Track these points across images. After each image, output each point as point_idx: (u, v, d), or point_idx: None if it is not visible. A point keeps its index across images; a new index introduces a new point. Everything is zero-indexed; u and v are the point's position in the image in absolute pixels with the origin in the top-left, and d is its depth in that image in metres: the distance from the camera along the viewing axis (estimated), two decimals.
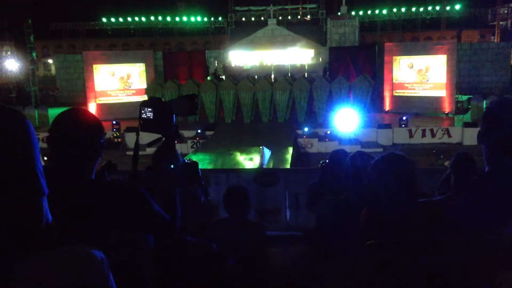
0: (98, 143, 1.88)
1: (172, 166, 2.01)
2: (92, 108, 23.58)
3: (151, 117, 2.01)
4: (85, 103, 23.68)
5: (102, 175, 1.92)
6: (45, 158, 5.78)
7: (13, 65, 26.53)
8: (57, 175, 1.84)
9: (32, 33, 24.83)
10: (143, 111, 2.04)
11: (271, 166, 9.94)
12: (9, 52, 27.02)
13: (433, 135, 17.72)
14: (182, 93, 20.68)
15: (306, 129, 17.83)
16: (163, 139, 2.02)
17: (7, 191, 1.33)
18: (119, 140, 17.91)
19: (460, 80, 23.04)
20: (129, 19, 29.97)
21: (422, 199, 1.99)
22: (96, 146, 1.87)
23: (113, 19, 29.86)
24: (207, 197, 3.76)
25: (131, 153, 2.32)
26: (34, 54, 25.42)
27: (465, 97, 22.13)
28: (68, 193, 1.74)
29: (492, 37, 33.09)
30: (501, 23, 32.54)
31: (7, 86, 27.14)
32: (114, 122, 19.15)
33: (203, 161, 11.12)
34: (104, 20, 29.87)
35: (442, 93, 22.25)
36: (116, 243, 1.74)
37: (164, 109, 2.02)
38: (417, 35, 29.36)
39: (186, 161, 2.79)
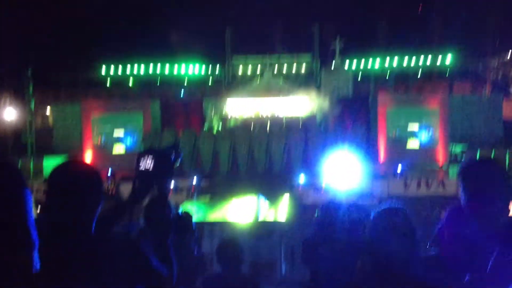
0: (96, 195, 1.88)
1: (165, 217, 2.00)
2: (88, 157, 23.57)
3: (151, 169, 2.00)
4: (81, 153, 23.69)
5: (101, 228, 1.90)
6: (39, 206, 5.73)
7: (11, 115, 26.70)
8: (54, 226, 1.83)
9: (31, 82, 25.18)
10: (141, 163, 2.02)
11: (266, 218, 9.86)
12: (6, 102, 27.24)
13: (428, 187, 17.73)
14: (179, 142, 20.83)
15: (302, 179, 17.82)
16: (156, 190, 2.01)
17: (3, 242, 1.32)
18: (114, 192, 17.76)
19: (453, 132, 23.26)
20: (127, 70, 30.50)
21: (424, 254, 1.99)
22: (94, 198, 1.87)
23: (111, 70, 30.38)
24: (200, 250, 3.72)
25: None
26: (32, 106, 25.65)
27: (458, 149, 22.29)
28: (64, 245, 1.72)
29: (484, 89, 33.68)
30: (492, 75, 33.25)
31: (4, 135, 27.20)
32: (109, 173, 19.06)
33: (198, 211, 11.04)
34: (102, 70, 30.38)
35: (435, 145, 22.43)
36: None
37: (165, 160, 2.02)
38: (409, 86, 29.89)
39: (179, 213, 2.77)
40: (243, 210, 10.64)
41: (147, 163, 1.98)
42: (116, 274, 1.72)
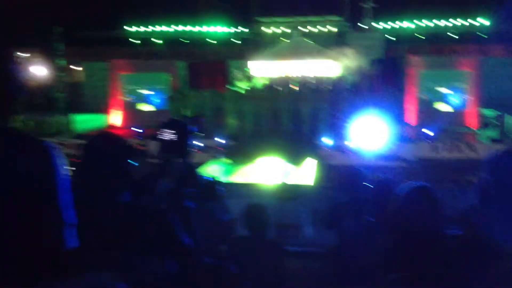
0: (127, 167, 1.89)
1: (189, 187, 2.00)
2: (116, 116, 23.92)
3: (174, 139, 2.00)
4: (109, 110, 24.07)
5: (134, 196, 1.93)
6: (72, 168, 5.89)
7: (41, 71, 27.15)
8: (87, 196, 1.87)
9: (61, 40, 25.41)
10: (163, 133, 2.02)
11: (292, 180, 9.90)
12: (38, 59, 27.64)
13: (459, 151, 17.43)
14: (205, 102, 20.95)
15: (328, 141, 17.73)
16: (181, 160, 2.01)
17: (31, 222, 1.35)
18: (143, 147, 18.05)
19: (486, 95, 22.63)
20: (154, 28, 30.41)
21: (449, 231, 1.95)
22: (125, 169, 1.88)
23: (138, 29, 30.35)
24: (226, 215, 3.75)
25: (156, 160, 2.32)
26: (62, 62, 25.98)
27: (490, 113, 21.73)
28: (98, 215, 1.76)
29: None
30: None
31: (35, 92, 27.73)
32: (137, 129, 19.37)
33: (225, 172, 11.15)
34: (129, 29, 30.38)
35: (468, 108, 21.91)
36: (137, 268, 1.74)
37: (185, 131, 2.02)
38: (442, 49, 28.96)
39: (204, 178, 2.78)
40: (269, 171, 10.69)
41: (171, 134, 1.98)
42: (145, 244, 1.75)
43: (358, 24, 28.57)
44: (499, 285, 1.70)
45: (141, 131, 19.31)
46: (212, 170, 11.12)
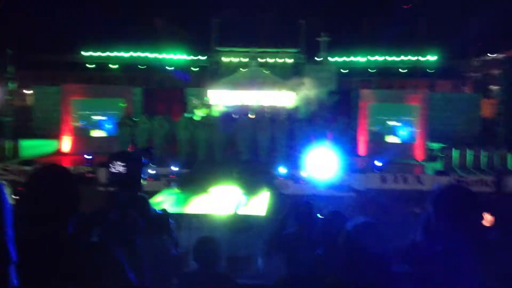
0: (72, 200, 1.89)
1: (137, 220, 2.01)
2: (66, 141, 23.30)
3: (124, 172, 2.00)
4: (60, 135, 23.42)
5: (79, 231, 1.91)
6: (14, 197, 5.69)
7: None
8: (30, 229, 1.84)
9: (11, 63, 24.70)
10: (113, 166, 2.01)
11: (246, 210, 9.92)
12: None
13: (405, 182, 18.04)
14: (156, 129, 20.72)
15: (282, 170, 17.92)
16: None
17: None
18: (92, 175, 17.62)
19: (433, 128, 23.65)
20: (110, 53, 30.15)
21: (396, 269, 2.04)
22: (70, 202, 1.88)
23: (94, 53, 29.99)
24: (177, 249, 3.75)
25: (103, 189, 2.31)
26: (12, 85, 25.21)
27: (436, 145, 22.68)
28: (40, 249, 1.73)
29: (464, 88, 34.27)
30: (473, 74, 33.82)
31: None
32: (87, 156, 18.90)
33: (176, 201, 11.03)
34: (85, 53, 29.97)
35: (414, 140, 22.83)
36: None
37: (136, 164, 2.02)
38: (392, 83, 30.24)
39: (157, 211, 2.79)
40: (221, 202, 10.67)
41: (120, 166, 1.98)
42: (91, 280, 1.75)
43: (313, 56, 29.47)
44: None
45: (90, 157, 18.86)
46: (163, 199, 10.99)
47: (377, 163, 19.10)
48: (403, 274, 2.07)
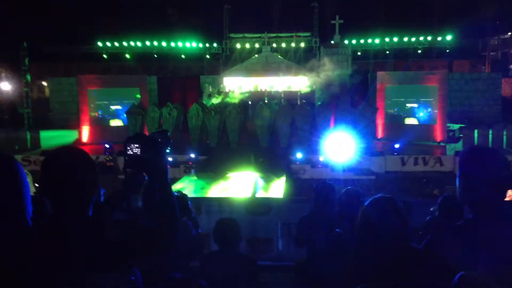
0: (91, 183, 1.87)
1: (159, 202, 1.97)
2: (85, 131, 23.56)
3: (140, 153, 1.96)
4: (78, 126, 23.69)
5: (99, 213, 1.90)
6: (36, 185, 5.75)
7: (6, 87, 26.56)
8: (48, 210, 1.85)
9: (27, 55, 24.96)
10: (128, 148, 1.98)
11: (264, 194, 9.93)
12: (2, 74, 27.06)
13: (425, 164, 17.82)
14: (164, 117, 20.81)
15: (299, 155, 17.86)
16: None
17: None
18: (112, 164, 17.83)
19: (452, 109, 23.33)
20: (125, 43, 30.25)
21: (413, 245, 2.00)
22: (88, 186, 1.86)
23: (108, 44, 30.11)
24: (197, 230, 3.75)
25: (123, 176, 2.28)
26: (28, 77, 25.50)
27: (456, 126, 22.36)
28: (61, 231, 1.73)
29: (483, 67, 33.67)
30: (491, 53, 33.18)
31: (0, 107, 27.12)
32: (106, 145, 19.10)
33: (195, 187, 11.09)
34: (99, 44, 30.12)
35: (434, 121, 22.52)
36: (104, 285, 1.72)
37: (152, 145, 1.97)
38: (409, 64, 29.78)
39: (175, 194, 2.75)
40: (241, 186, 10.70)
41: (134, 148, 1.95)
42: (111, 258, 1.73)
43: (327, 40, 29.13)
44: None
45: (109, 146, 19.04)
46: (184, 186, 11.06)
47: (396, 146, 18.93)
48: (421, 249, 2.02)
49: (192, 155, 17.90)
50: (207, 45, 30.73)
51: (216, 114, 20.57)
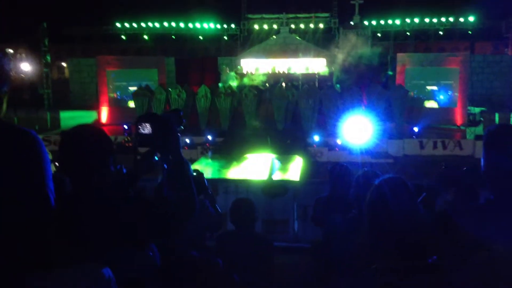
0: (108, 160, 1.90)
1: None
2: (104, 112, 23.78)
3: (151, 132, 1.98)
4: (97, 107, 23.91)
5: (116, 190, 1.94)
6: (56, 164, 5.85)
7: (26, 67, 26.87)
8: (69, 186, 1.89)
9: (46, 36, 25.17)
10: (140, 127, 2.00)
11: (280, 176, 9.93)
12: (23, 55, 27.37)
13: (445, 147, 17.58)
14: (172, 99, 20.81)
15: (316, 138, 17.78)
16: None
17: (19, 210, 1.36)
18: (130, 144, 17.98)
19: (473, 92, 22.89)
20: (142, 24, 30.26)
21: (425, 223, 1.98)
22: (105, 163, 1.89)
23: (126, 24, 30.16)
24: (215, 208, 3.77)
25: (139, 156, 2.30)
26: (48, 58, 25.75)
27: (477, 109, 21.97)
28: (81, 204, 1.77)
29: (506, 49, 32.86)
30: None
31: (21, 88, 27.48)
32: (125, 126, 19.26)
33: (212, 168, 11.13)
34: (117, 25, 30.18)
35: (454, 105, 22.14)
36: (123, 260, 1.75)
37: (163, 124, 1.99)
38: (429, 45, 29.20)
39: (192, 172, 2.76)
40: (257, 168, 10.71)
41: (145, 127, 1.96)
42: (129, 234, 1.76)
43: (346, 21, 28.71)
44: (478, 276, 1.74)
45: (127, 127, 19.19)
46: (201, 167, 11.13)
47: (415, 129, 18.69)
48: (435, 227, 2.00)
49: (209, 137, 17.97)
50: (225, 26, 30.58)
51: (227, 96, 20.50)
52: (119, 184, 2.02)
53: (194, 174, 3.02)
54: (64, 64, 33.72)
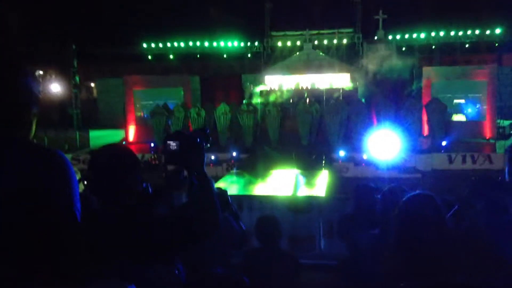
0: (135, 178, 1.95)
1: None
2: (131, 131, 24.17)
3: (177, 150, 2.02)
4: (125, 125, 24.34)
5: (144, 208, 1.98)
6: (85, 182, 5.94)
7: (56, 88, 27.62)
8: (97, 204, 1.94)
9: (75, 57, 25.87)
10: (167, 145, 2.05)
11: (306, 191, 9.89)
12: (53, 76, 28.17)
13: (474, 162, 17.22)
14: (192, 117, 21.02)
15: (342, 153, 17.65)
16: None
17: (46, 230, 1.39)
18: (157, 162, 18.22)
19: (502, 104, 22.42)
20: (168, 44, 30.83)
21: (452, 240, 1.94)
22: (132, 181, 1.94)
23: (153, 45, 30.78)
24: (239, 225, 3.77)
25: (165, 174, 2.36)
26: (77, 78, 26.43)
27: (507, 122, 21.49)
28: (107, 221, 1.81)
29: None
30: None
31: (50, 108, 28.22)
32: (152, 144, 19.57)
33: (237, 184, 11.17)
34: (144, 45, 30.82)
35: (483, 118, 21.71)
36: (149, 277, 1.77)
37: (190, 141, 2.03)
38: (456, 59, 28.80)
39: (217, 189, 2.79)
40: (282, 184, 10.69)
41: (173, 145, 2.01)
42: (158, 253, 1.80)
43: (370, 36, 28.62)
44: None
45: (153, 145, 19.47)
46: (226, 184, 11.17)
47: (443, 143, 18.39)
48: (462, 245, 1.96)
49: (234, 154, 18.06)
50: (249, 44, 30.86)
51: (250, 113, 20.60)
52: (146, 202, 2.06)
53: (217, 191, 3.04)
54: (92, 84, 34.53)
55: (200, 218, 1.91)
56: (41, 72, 27.28)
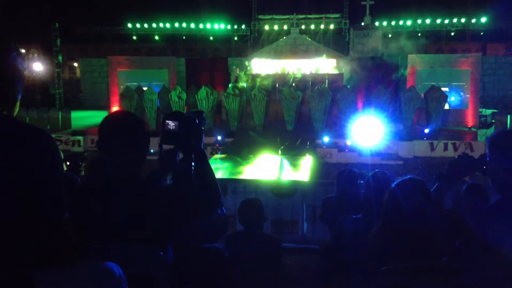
0: (145, 139, 1.99)
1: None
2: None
3: (175, 129, 2.03)
4: (108, 107, 24.06)
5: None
6: (67, 163, 5.87)
7: (38, 67, 27.10)
8: (105, 171, 1.96)
9: (58, 36, 25.37)
10: (166, 125, 2.05)
11: (289, 176, 9.93)
12: (35, 55, 27.62)
13: (456, 149, 17.45)
14: (172, 100, 20.91)
15: (326, 139, 17.74)
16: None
17: (31, 209, 1.37)
18: None
19: (485, 94, 22.68)
20: (154, 25, 30.40)
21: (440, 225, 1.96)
22: (143, 140, 1.97)
23: (138, 25, 30.33)
24: (222, 209, 3.78)
25: (152, 157, 2.37)
26: (60, 57, 25.95)
27: (489, 111, 21.78)
28: (118, 190, 1.83)
29: None
30: None
31: (33, 88, 27.72)
32: None
33: (222, 169, 11.15)
34: (129, 25, 30.36)
35: (465, 106, 21.97)
36: (135, 258, 1.77)
37: (188, 122, 2.04)
38: (441, 47, 28.98)
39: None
40: (266, 168, 10.71)
41: (171, 124, 2.00)
42: (159, 218, 1.86)
43: (357, 22, 28.61)
44: (491, 277, 1.72)
45: None
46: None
47: (426, 131, 18.58)
48: (448, 230, 1.99)
49: (219, 137, 18.01)
50: (235, 26, 30.61)
51: (236, 97, 20.51)
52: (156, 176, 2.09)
53: None
54: (75, 64, 33.97)
55: (203, 195, 1.98)
56: (23, 50, 26.73)
